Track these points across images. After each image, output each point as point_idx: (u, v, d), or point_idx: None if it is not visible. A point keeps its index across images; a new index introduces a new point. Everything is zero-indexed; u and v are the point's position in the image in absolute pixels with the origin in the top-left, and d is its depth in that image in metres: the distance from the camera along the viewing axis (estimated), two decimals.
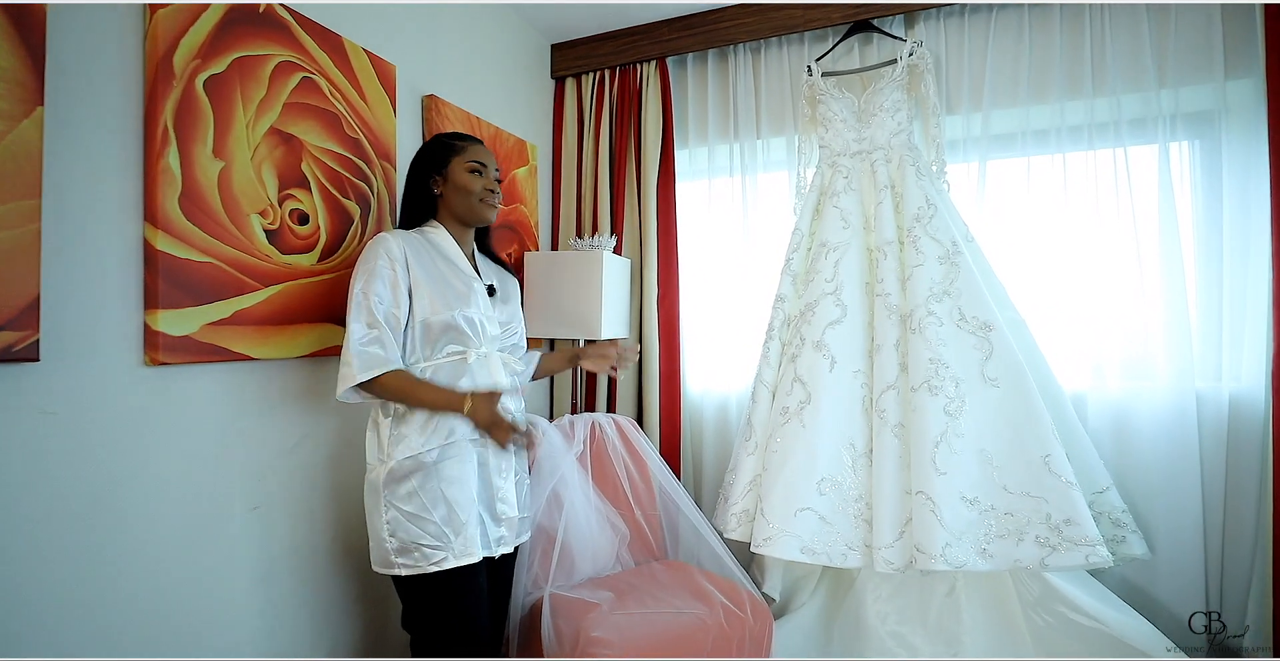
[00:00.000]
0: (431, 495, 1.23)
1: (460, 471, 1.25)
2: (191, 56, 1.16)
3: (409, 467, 1.23)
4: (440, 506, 1.23)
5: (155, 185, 1.11)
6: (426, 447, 1.23)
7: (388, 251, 1.27)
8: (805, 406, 1.78)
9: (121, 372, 1.09)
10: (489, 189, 1.39)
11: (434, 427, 1.25)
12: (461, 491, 1.25)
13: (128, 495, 1.10)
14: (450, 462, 1.25)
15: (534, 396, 2.33)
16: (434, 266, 1.32)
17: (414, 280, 1.28)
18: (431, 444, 1.24)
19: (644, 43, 2.32)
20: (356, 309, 1.23)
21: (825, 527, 1.69)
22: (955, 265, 1.76)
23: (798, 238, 2.01)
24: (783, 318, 1.97)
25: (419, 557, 1.22)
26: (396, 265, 1.26)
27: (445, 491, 1.23)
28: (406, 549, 1.23)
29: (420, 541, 1.22)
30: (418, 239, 1.34)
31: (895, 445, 1.69)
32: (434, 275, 1.30)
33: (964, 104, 2.01)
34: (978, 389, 1.66)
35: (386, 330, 1.23)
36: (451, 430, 1.26)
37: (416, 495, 1.22)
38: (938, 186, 1.91)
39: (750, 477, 1.85)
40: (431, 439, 1.24)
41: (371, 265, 1.25)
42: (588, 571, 1.72)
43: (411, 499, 1.23)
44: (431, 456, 1.24)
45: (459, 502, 1.24)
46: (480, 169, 1.38)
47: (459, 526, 1.23)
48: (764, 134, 2.27)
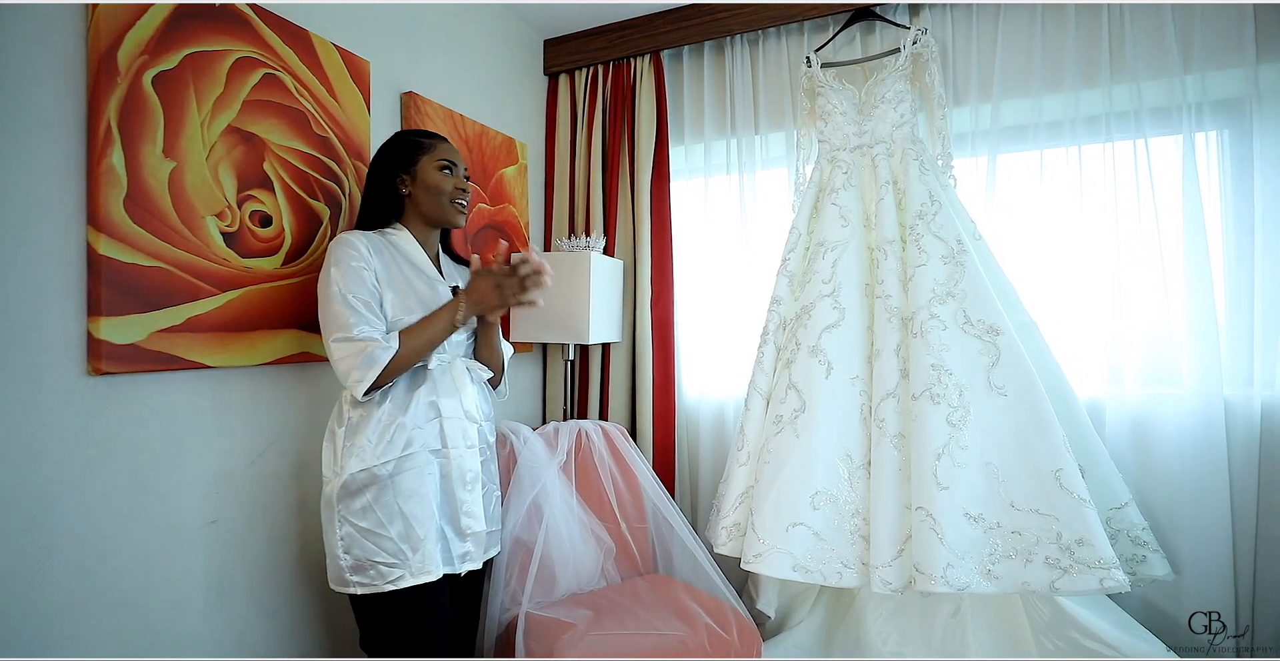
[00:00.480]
0: (387, 510, 1.17)
1: (418, 484, 1.19)
2: (138, 52, 1.11)
3: (363, 481, 1.17)
4: (397, 522, 1.17)
5: (98, 187, 1.06)
6: (381, 460, 1.17)
7: (355, 250, 1.22)
8: (800, 415, 1.69)
9: (62, 383, 1.04)
10: (460, 188, 1.33)
11: (389, 439, 1.19)
12: (420, 505, 1.18)
13: (70, 509, 1.05)
14: (408, 475, 1.19)
15: (525, 403, 2.27)
16: (397, 269, 1.26)
17: (380, 280, 1.22)
18: (387, 456, 1.18)
19: (637, 36, 2.24)
20: (342, 308, 1.17)
21: (819, 544, 1.60)
22: (960, 265, 1.65)
23: (795, 236, 1.92)
24: (778, 321, 1.88)
25: (375, 575, 1.16)
26: (367, 263, 1.22)
27: (402, 506, 1.17)
28: (361, 566, 1.17)
29: (375, 558, 1.16)
30: (380, 240, 1.29)
31: (895, 457, 1.59)
32: (397, 278, 1.25)
33: (972, 94, 1.90)
34: (983, 397, 1.55)
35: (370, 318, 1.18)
36: (409, 441, 1.20)
37: (371, 510, 1.17)
38: (943, 181, 1.80)
39: (742, 490, 1.76)
40: (387, 450, 1.18)
41: (344, 264, 1.20)
42: (570, 586, 1.65)
43: (366, 514, 1.17)
44: (387, 469, 1.18)
45: (417, 517, 1.18)
46: (450, 167, 1.32)
47: (416, 542, 1.17)
48: (762, 129, 2.17)
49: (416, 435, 1.20)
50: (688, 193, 2.31)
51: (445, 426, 1.24)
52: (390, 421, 1.19)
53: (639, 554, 1.75)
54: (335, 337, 1.16)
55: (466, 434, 1.27)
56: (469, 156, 1.94)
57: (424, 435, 1.21)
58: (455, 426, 1.25)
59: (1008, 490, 1.49)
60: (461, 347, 1.34)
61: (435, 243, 1.39)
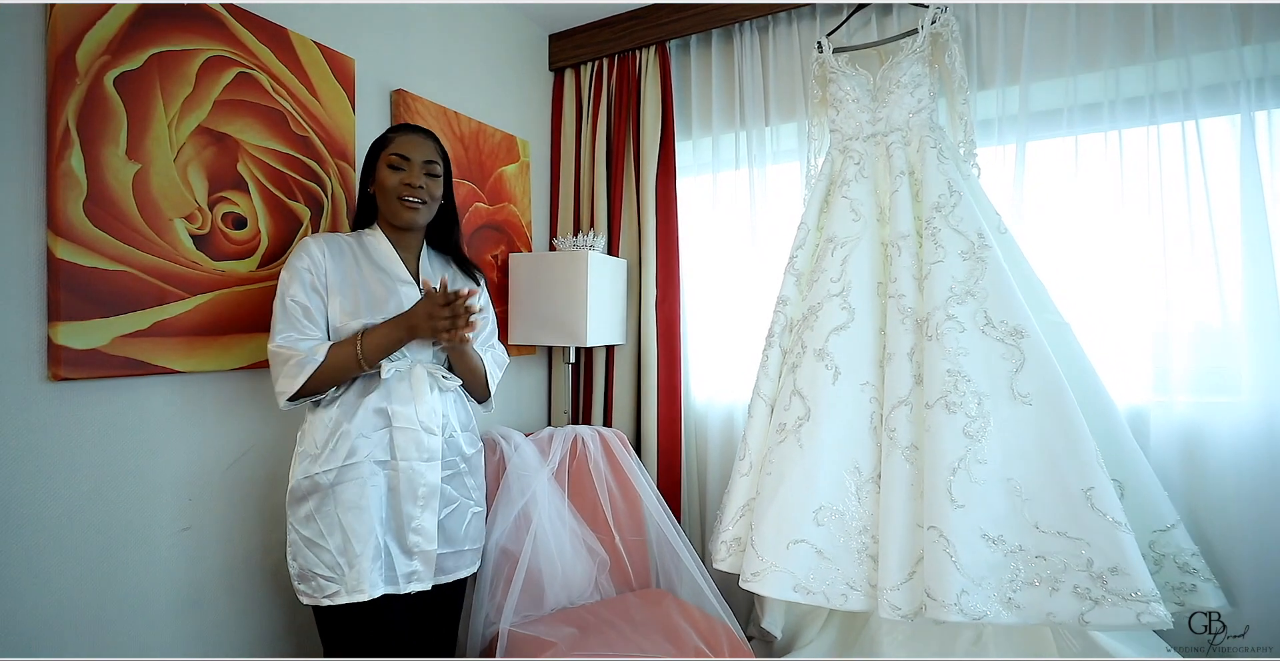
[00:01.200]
0: (328, 520, 1.13)
1: (360, 496, 1.14)
2: (98, 53, 1.09)
3: (306, 488, 1.14)
4: (336, 534, 1.13)
5: (56, 190, 1.05)
6: (323, 468, 1.13)
7: (309, 254, 1.20)
8: (804, 423, 1.57)
9: (20, 389, 1.03)
10: (406, 183, 1.24)
11: (332, 447, 1.14)
12: (359, 519, 1.13)
13: (29, 517, 1.04)
14: (349, 486, 1.14)
15: (530, 408, 2.22)
16: (354, 270, 1.22)
17: (329, 285, 1.19)
18: (329, 464, 1.13)
19: (642, 27, 2.16)
20: (277, 315, 1.16)
21: (823, 563, 1.48)
22: (981, 261, 1.51)
23: (803, 232, 1.80)
24: (784, 322, 1.77)
25: (315, 588, 1.12)
26: (315, 268, 1.19)
27: (342, 518, 1.13)
28: (305, 576, 1.14)
29: (316, 570, 1.12)
30: (347, 242, 1.26)
31: (907, 470, 1.47)
32: (350, 280, 1.21)
33: (998, 76, 1.74)
34: (1005, 406, 1.41)
35: (306, 326, 1.15)
36: (353, 450, 1.15)
37: (313, 519, 1.13)
38: (964, 171, 1.66)
39: (743, 502, 1.66)
40: (329, 458, 1.14)
41: (289, 268, 1.18)
42: (560, 599, 1.58)
43: (309, 523, 1.13)
44: (328, 478, 1.13)
45: (356, 532, 1.13)
46: (401, 163, 1.25)
47: (353, 558, 1.12)
48: (773, 121, 2.06)
49: (361, 444, 1.15)
50: (695, 189, 2.21)
51: (395, 436, 1.18)
52: (335, 427, 1.15)
53: (633, 567, 1.66)
54: (269, 346, 1.16)
55: (422, 445, 1.20)
56: (464, 155, 1.89)
57: (369, 444, 1.16)
58: (407, 436, 1.18)
59: (1032, 510, 1.34)
60: (427, 352, 1.27)
61: (414, 243, 1.34)
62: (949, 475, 1.38)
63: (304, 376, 1.11)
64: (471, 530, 1.32)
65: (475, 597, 1.49)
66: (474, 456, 1.36)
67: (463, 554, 1.30)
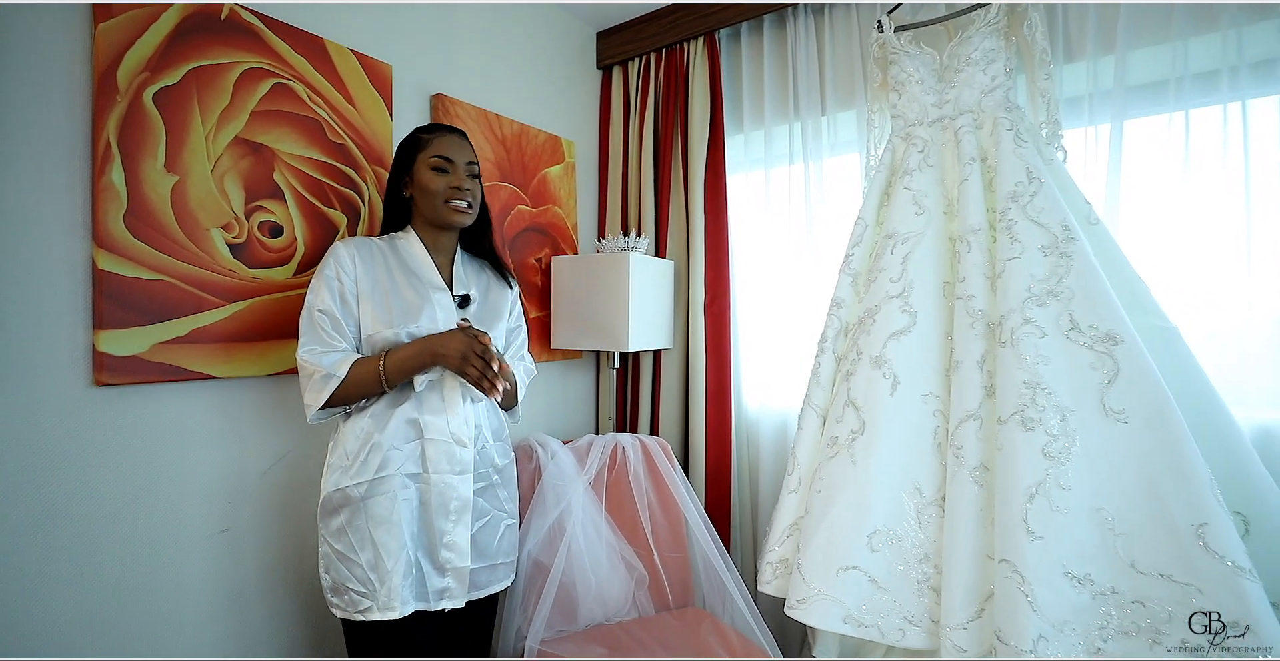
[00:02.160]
0: (359, 535, 1.10)
1: (389, 511, 1.11)
2: (138, 70, 1.13)
3: (338, 501, 1.12)
4: (367, 548, 1.10)
5: (99, 203, 1.09)
6: (355, 480, 1.11)
7: (338, 261, 1.18)
8: (858, 437, 1.44)
9: (67, 395, 1.08)
10: (455, 187, 1.23)
11: (363, 460, 1.12)
12: (390, 534, 1.10)
13: (73, 516, 1.09)
14: (380, 500, 1.11)
15: (577, 413, 2.17)
16: (387, 276, 1.20)
17: (360, 292, 1.16)
18: (361, 477, 1.11)
19: (690, 18, 2.07)
20: (303, 325, 1.15)
21: (877, 593, 1.34)
22: (1066, 256, 1.32)
23: (860, 228, 1.66)
24: (838, 326, 1.63)
25: (348, 602, 1.10)
26: (344, 276, 1.17)
27: (373, 532, 1.10)
28: (338, 589, 1.12)
29: (348, 584, 1.10)
30: (379, 246, 1.23)
31: (975, 494, 1.30)
32: (382, 287, 1.18)
33: (1089, 46, 1.53)
34: (1095, 424, 1.22)
35: (331, 337, 1.14)
36: (384, 463, 1.12)
37: (345, 533, 1.11)
38: (1047, 155, 1.47)
39: (791, 520, 1.54)
40: (361, 471, 1.11)
41: (319, 275, 1.17)
42: (595, 615, 1.52)
43: (340, 536, 1.12)
44: (360, 491, 1.11)
45: (387, 547, 1.10)
46: (445, 165, 1.23)
47: (384, 574, 1.09)
48: (830, 109, 1.92)
49: (393, 456, 1.13)
50: (746, 186, 2.10)
51: (427, 449, 1.15)
52: (366, 439, 1.13)
53: (671, 585, 1.58)
54: (297, 358, 1.14)
55: (454, 458, 1.17)
56: (506, 157, 1.87)
57: (401, 457, 1.14)
58: (439, 449, 1.16)
59: (1127, 546, 1.15)
60: None
61: (449, 246, 1.31)
62: (1025, 501, 1.20)
63: (327, 392, 1.10)
64: (505, 543, 1.28)
65: (507, 609, 1.45)
66: (506, 467, 1.32)
67: (496, 568, 1.26)
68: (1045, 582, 1.16)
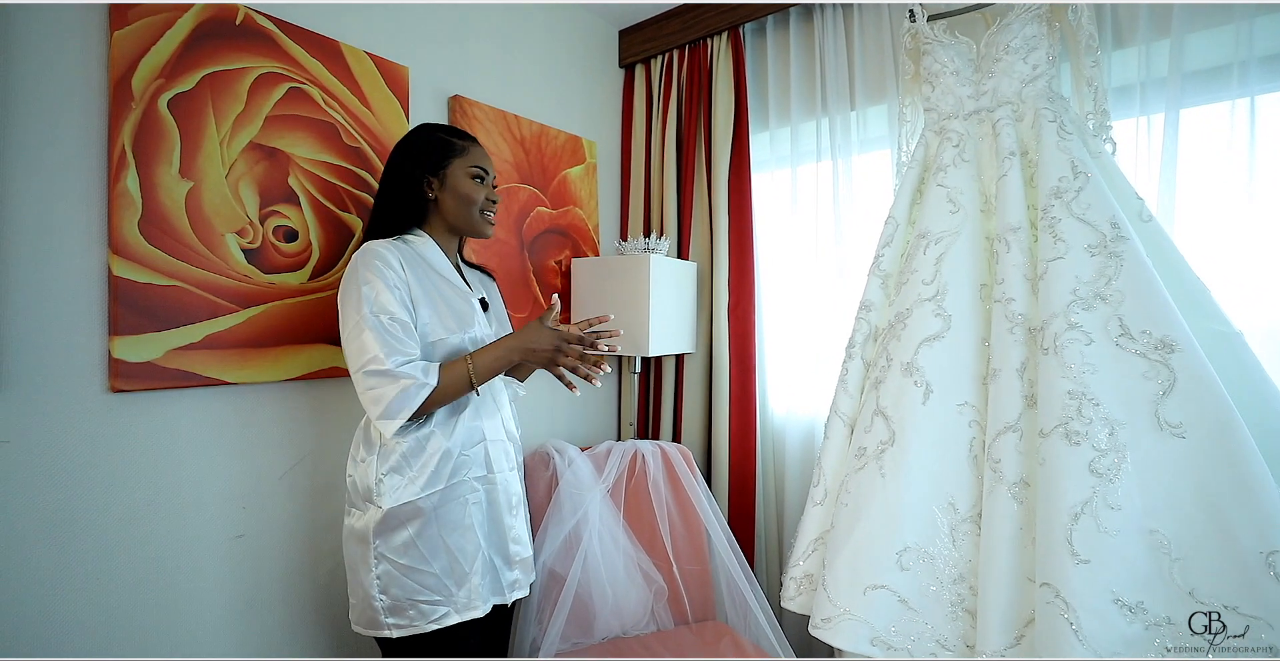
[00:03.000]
0: (431, 544, 1.09)
1: (462, 514, 1.12)
2: (153, 77, 1.13)
3: (406, 514, 1.08)
4: (441, 556, 1.09)
5: (114, 210, 1.10)
6: (427, 491, 1.09)
7: (388, 264, 1.10)
8: (887, 448, 1.36)
9: (84, 400, 1.08)
10: (491, 200, 1.25)
11: (434, 468, 1.10)
12: (466, 538, 1.11)
13: (90, 521, 1.09)
14: (452, 506, 1.11)
15: (598, 419, 2.14)
16: (431, 283, 1.17)
17: (414, 297, 1.12)
18: (433, 486, 1.10)
19: (713, 13, 2.01)
20: (374, 331, 1.05)
21: (907, 614, 1.27)
22: (1115, 256, 1.23)
23: (891, 228, 1.58)
24: (867, 330, 1.55)
25: (415, 615, 1.07)
26: (399, 280, 1.10)
27: (447, 539, 1.10)
28: (400, 607, 1.08)
29: (417, 597, 1.08)
30: (408, 251, 1.18)
31: (1014, 511, 1.22)
32: (433, 293, 1.15)
33: (1140, 29, 1.43)
34: (1148, 439, 1.13)
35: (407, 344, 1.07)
36: (455, 469, 1.12)
37: (414, 545, 1.08)
38: (1094, 148, 1.37)
39: (815, 534, 1.47)
40: (433, 481, 1.10)
41: (376, 281, 1.07)
42: (613, 628, 1.47)
43: (408, 550, 1.08)
44: (432, 501, 1.10)
45: (463, 551, 1.11)
46: (483, 175, 1.23)
47: (462, 577, 1.10)
48: (860, 104, 1.84)
49: (464, 462, 1.13)
50: (772, 185, 2.03)
51: (490, 450, 1.18)
52: (435, 449, 1.11)
53: (690, 599, 1.52)
54: (368, 368, 1.03)
55: (509, 456, 1.22)
56: (525, 158, 1.85)
57: (470, 461, 1.14)
58: (499, 449, 1.19)
59: (1185, 573, 1.06)
60: None
61: (455, 250, 1.29)
62: (1069, 521, 1.12)
63: (419, 400, 1.04)
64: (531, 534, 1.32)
65: (521, 620, 1.42)
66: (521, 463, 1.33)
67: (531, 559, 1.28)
68: (1092, 610, 1.07)
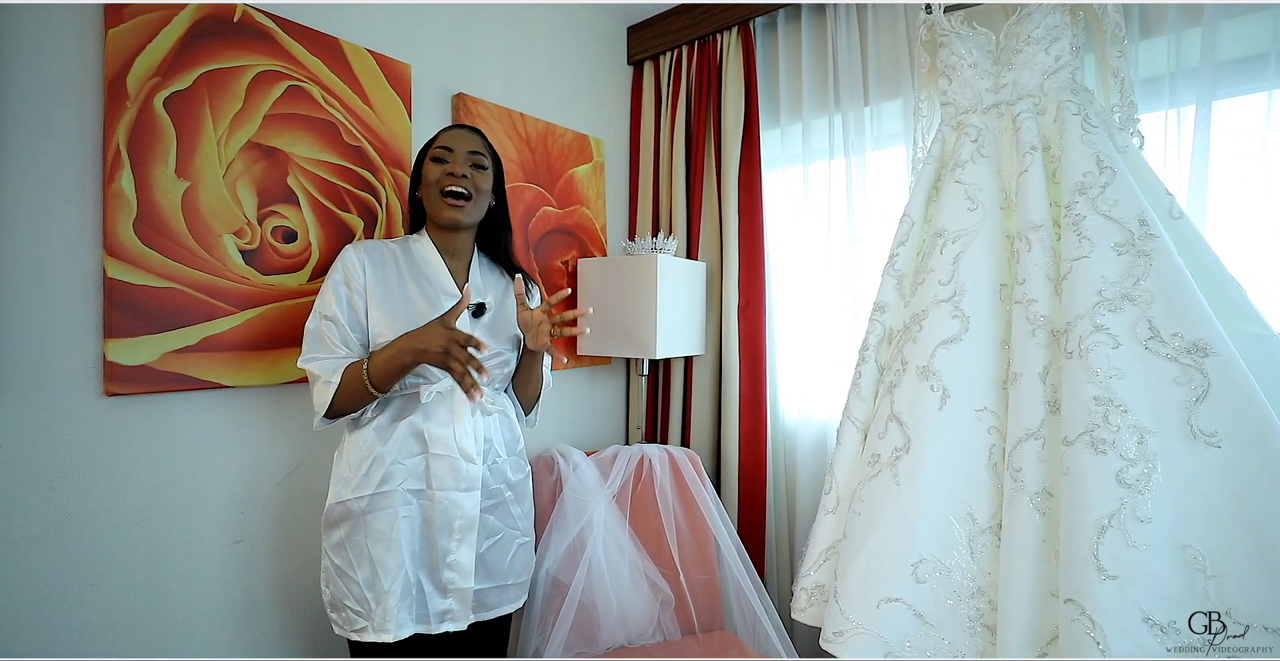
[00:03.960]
0: (358, 551, 1.06)
1: (390, 527, 1.06)
2: (149, 75, 1.12)
3: (339, 514, 1.08)
4: (365, 566, 1.05)
5: (109, 210, 1.08)
6: (355, 494, 1.06)
7: (346, 266, 1.14)
8: (902, 456, 1.31)
9: (78, 404, 1.07)
10: (449, 174, 1.16)
11: (365, 472, 1.07)
12: (389, 552, 1.05)
13: (84, 527, 1.08)
14: (380, 515, 1.06)
15: (605, 422, 2.10)
16: (397, 282, 1.15)
17: (370, 298, 1.12)
18: (361, 490, 1.07)
19: (721, 9, 1.97)
20: (307, 332, 1.12)
21: (923, 629, 1.22)
22: (1144, 255, 1.17)
23: (906, 226, 1.52)
24: (881, 333, 1.50)
25: (345, 619, 1.07)
26: (353, 281, 1.13)
27: (371, 549, 1.05)
28: (336, 605, 1.09)
29: (345, 601, 1.07)
30: (390, 249, 1.19)
31: (1036, 523, 1.16)
32: (391, 291, 1.13)
33: (1170, 17, 1.37)
34: (1180, 448, 1.07)
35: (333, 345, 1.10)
36: (386, 476, 1.07)
37: (344, 548, 1.07)
38: (1120, 142, 1.31)
39: (827, 544, 1.42)
40: (362, 484, 1.07)
41: (327, 280, 1.14)
42: (618, 638, 1.44)
43: (340, 550, 1.08)
44: (360, 505, 1.07)
45: (385, 566, 1.05)
46: (444, 155, 1.17)
47: (380, 594, 1.04)
48: (874, 99, 1.79)
49: (395, 470, 1.08)
50: (783, 183, 1.99)
51: (431, 463, 1.10)
52: (368, 451, 1.08)
53: (697, 608, 1.48)
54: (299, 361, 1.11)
55: (460, 473, 1.11)
56: (531, 157, 1.81)
57: (403, 472, 1.09)
58: (444, 464, 1.10)
59: (1221, 591, 1.00)
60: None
61: (463, 249, 1.25)
62: (1095, 535, 1.06)
63: (325, 398, 1.06)
64: (517, 562, 1.22)
65: (524, 629, 1.39)
66: (520, 482, 1.25)
67: (506, 588, 1.20)
68: (1120, 629, 1.01)
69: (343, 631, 1.08)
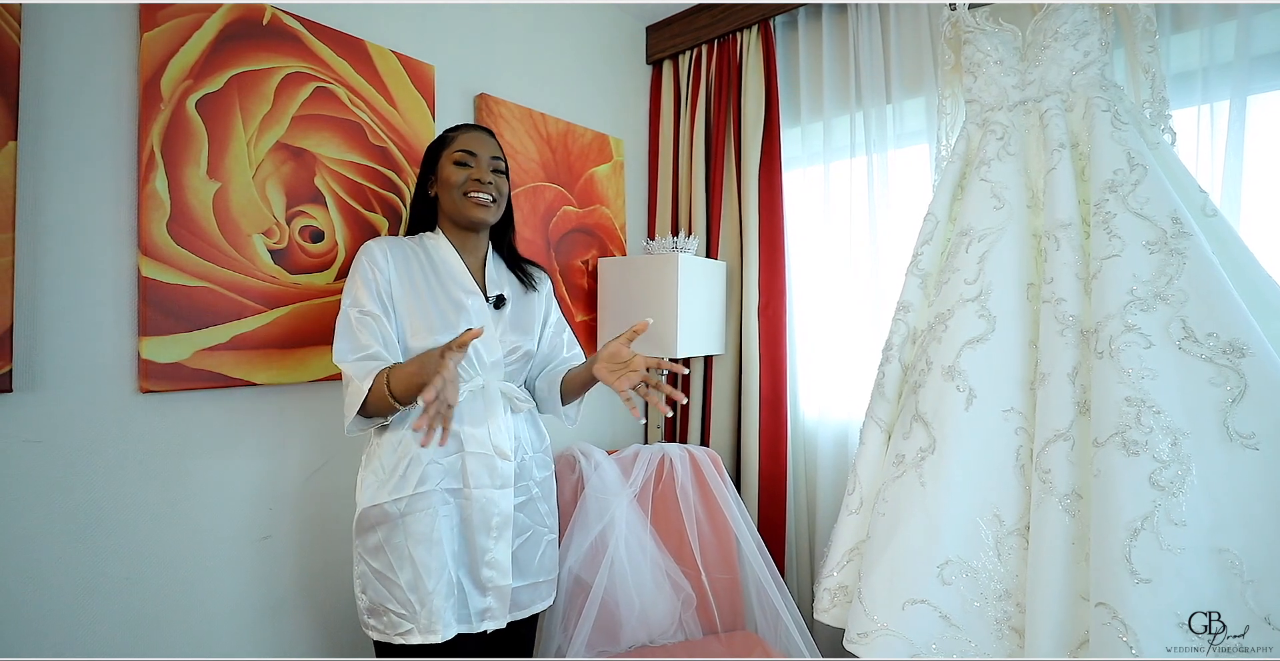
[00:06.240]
0: (398, 553, 1.06)
1: (430, 528, 1.06)
2: (181, 78, 1.14)
3: (375, 517, 1.08)
4: (406, 568, 1.05)
5: (143, 211, 1.10)
6: (392, 496, 1.07)
7: (372, 260, 1.13)
8: (927, 456, 1.30)
9: (114, 401, 1.09)
10: (475, 179, 1.17)
11: (402, 473, 1.07)
12: (430, 553, 1.05)
13: (120, 522, 1.10)
14: (419, 516, 1.06)
15: (626, 421, 2.10)
16: (422, 280, 1.15)
17: (395, 295, 1.12)
18: (399, 492, 1.07)
19: (741, 7, 1.97)
20: (340, 327, 1.09)
21: (949, 631, 1.20)
22: (1177, 253, 1.15)
23: (930, 225, 1.51)
24: (905, 333, 1.49)
25: (387, 624, 1.06)
26: (379, 274, 1.12)
27: (412, 551, 1.05)
28: (376, 610, 1.08)
29: (388, 605, 1.06)
30: (410, 247, 1.19)
31: (1066, 525, 1.14)
32: (417, 292, 1.14)
33: (1203, 11, 1.34)
34: (1216, 450, 1.05)
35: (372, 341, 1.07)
36: (423, 477, 1.07)
37: (383, 551, 1.07)
38: (1151, 138, 1.29)
39: (851, 544, 1.41)
40: (399, 486, 1.07)
41: (354, 275, 1.12)
42: (640, 637, 1.44)
43: (378, 554, 1.07)
44: (398, 507, 1.07)
45: (427, 567, 1.05)
46: (468, 159, 1.18)
47: (425, 595, 1.04)
48: (896, 97, 1.78)
49: (432, 471, 1.08)
50: (804, 182, 1.98)
51: (467, 462, 1.10)
52: (404, 452, 1.08)
53: (719, 608, 1.48)
54: (336, 363, 1.07)
55: (495, 471, 1.12)
56: (551, 157, 1.82)
57: (440, 471, 1.09)
58: (480, 462, 1.10)
59: (1260, 597, 0.98)
60: (499, 370, 1.19)
61: (479, 247, 1.26)
62: (1128, 538, 1.04)
63: (356, 405, 1.04)
64: (546, 560, 1.23)
65: (546, 627, 1.40)
66: (546, 480, 1.26)
67: (538, 586, 1.21)
68: (1154, 633, 0.99)
69: (384, 636, 1.07)
